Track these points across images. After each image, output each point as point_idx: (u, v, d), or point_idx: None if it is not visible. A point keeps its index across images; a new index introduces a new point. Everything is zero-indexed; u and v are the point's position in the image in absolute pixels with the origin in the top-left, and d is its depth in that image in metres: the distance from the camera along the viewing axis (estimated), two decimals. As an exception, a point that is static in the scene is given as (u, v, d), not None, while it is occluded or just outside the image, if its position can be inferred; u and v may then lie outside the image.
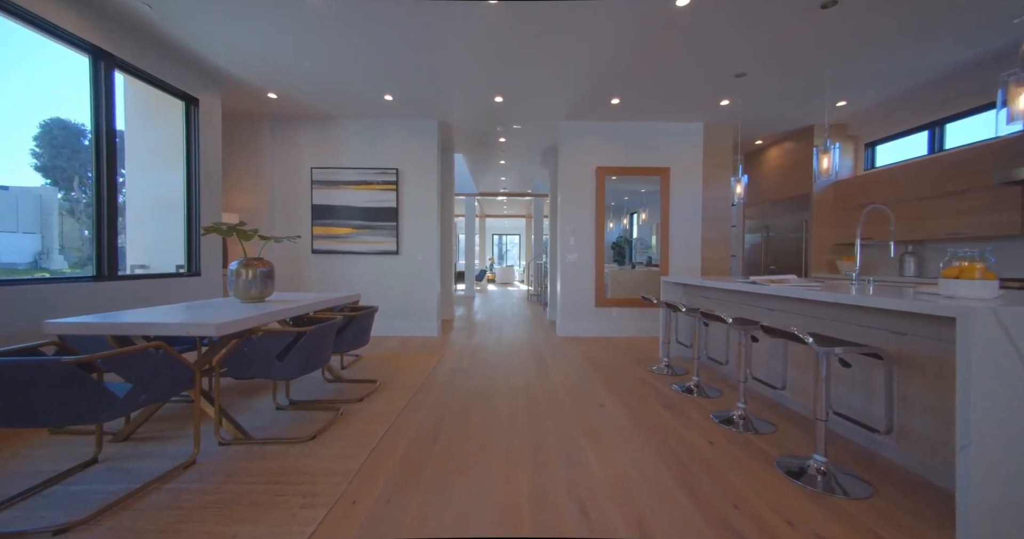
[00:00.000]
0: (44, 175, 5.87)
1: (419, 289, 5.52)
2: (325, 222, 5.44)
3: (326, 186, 5.43)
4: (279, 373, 2.22)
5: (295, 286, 5.45)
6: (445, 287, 6.97)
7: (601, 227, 5.53)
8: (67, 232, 5.42)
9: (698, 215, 5.51)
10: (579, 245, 5.56)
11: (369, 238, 5.46)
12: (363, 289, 5.49)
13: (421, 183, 5.50)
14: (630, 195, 5.86)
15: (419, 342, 5.10)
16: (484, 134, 6.14)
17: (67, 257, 5.36)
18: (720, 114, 5.15)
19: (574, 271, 5.55)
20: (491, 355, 4.43)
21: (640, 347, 4.85)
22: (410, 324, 5.52)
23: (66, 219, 5.44)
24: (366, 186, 5.44)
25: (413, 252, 5.52)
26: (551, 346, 4.91)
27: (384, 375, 3.60)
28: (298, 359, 2.24)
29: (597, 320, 5.54)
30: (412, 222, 5.51)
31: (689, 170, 5.50)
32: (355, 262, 5.50)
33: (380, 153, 5.48)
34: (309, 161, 5.45)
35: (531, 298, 10.77)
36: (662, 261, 5.53)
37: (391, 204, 5.46)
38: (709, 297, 3.88)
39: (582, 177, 5.53)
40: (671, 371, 3.77)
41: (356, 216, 5.45)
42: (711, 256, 5.62)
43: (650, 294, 5.53)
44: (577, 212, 5.55)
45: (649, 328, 5.53)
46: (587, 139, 5.51)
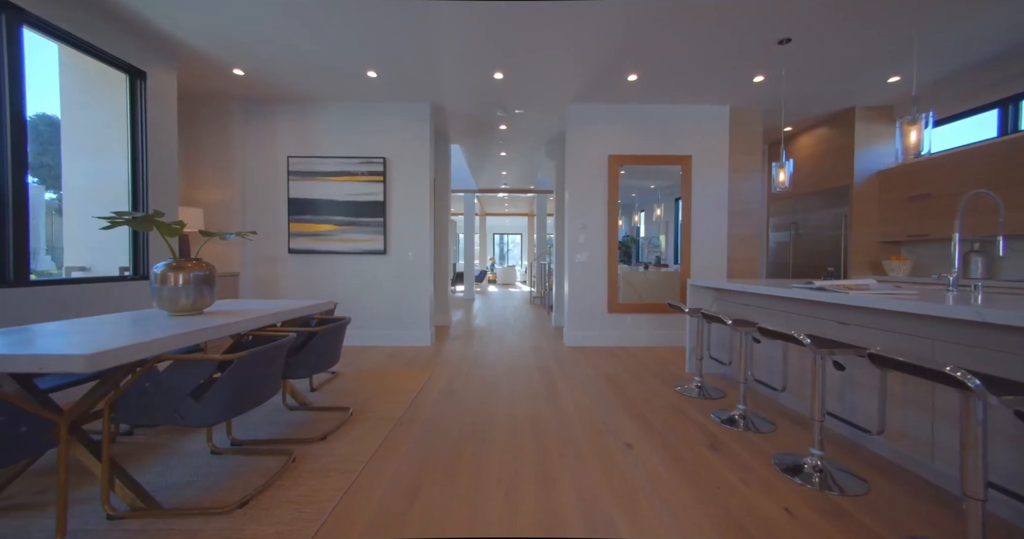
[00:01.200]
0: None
1: (409, 293, 4.91)
2: (303, 218, 4.84)
3: (304, 177, 4.82)
4: (194, 418, 1.61)
5: (268, 291, 4.85)
6: (440, 290, 6.37)
7: (614, 223, 4.91)
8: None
9: (723, 209, 4.89)
10: (589, 243, 4.94)
11: (353, 236, 4.85)
12: (346, 293, 4.89)
13: (412, 174, 4.89)
14: (638, 192, 5.25)
15: (409, 354, 4.49)
16: (483, 120, 5.53)
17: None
18: (750, 95, 4.53)
19: (584, 273, 4.93)
20: (490, 372, 3.81)
21: (661, 360, 4.23)
22: (399, 333, 4.91)
23: None
24: (349, 177, 4.84)
25: (403, 251, 4.91)
26: (559, 359, 4.29)
27: (360, 400, 2.99)
28: (221, 397, 1.63)
29: (610, 328, 4.92)
30: (402, 218, 4.90)
31: (713, 158, 4.87)
32: (337, 263, 4.89)
33: (365, 140, 4.87)
34: (285, 149, 4.84)
35: (534, 300, 10.15)
36: (683, 261, 4.90)
37: (377, 197, 4.85)
38: (750, 305, 3.26)
39: (593, 167, 4.91)
40: (704, 393, 3.15)
41: (338, 211, 4.85)
42: (739, 256, 4.99)
43: (668, 298, 4.91)
44: (587, 206, 4.94)
45: (668, 337, 4.90)
46: (598, 124, 4.89)
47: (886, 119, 4.84)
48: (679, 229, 5.33)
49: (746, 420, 2.58)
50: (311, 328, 2.47)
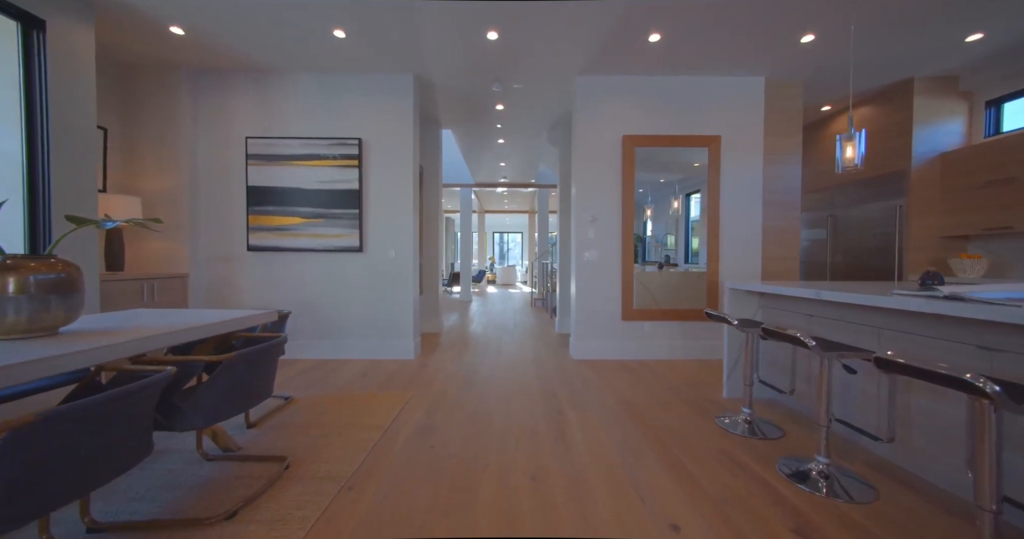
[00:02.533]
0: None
1: (390, 298, 4.19)
2: (265, 209, 4.12)
3: (266, 161, 4.10)
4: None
5: (223, 297, 4.13)
6: (429, 293, 5.65)
7: (630, 214, 4.19)
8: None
9: (757, 199, 4.17)
10: (600, 239, 4.22)
11: (324, 230, 4.14)
12: (315, 298, 4.17)
13: (393, 157, 4.17)
14: (647, 187, 4.53)
15: (387, 370, 3.77)
16: (477, 100, 4.81)
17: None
18: (790, 62, 3.80)
19: (593, 273, 4.21)
20: (481, 396, 3.09)
21: (688, 378, 3.51)
22: (378, 344, 4.19)
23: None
24: (319, 162, 4.12)
25: (383, 249, 4.19)
26: (566, 377, 3.57)
27: (307, 443, 2.27)
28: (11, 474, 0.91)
29: (624, 338, 4.20)
30: (381, 210, 4.18)
31: (746, 140, 4.15)
32: (305, 262, 4.18)
33: (338, 118, 4.15)
34: (243, 128, 4.12)
35: (535, 303, 9.44)
36: (710, 260, 4.18)
37: (352, 185, 4.13)
38: (814, 315, 2.54)
39: (604, 150, 4.19)
40: (756, 431, 2.43)
41: (306, 201, 4.13)
42: (774, 253, 4.27)
43: (688, 302, 4.19)
44: (597, 196, 4.22)
45: (692, 349, 4.18)
46: (611, 100, 4.17)
47: (950, 91, 4.11)
48: (689, 226, 4.63)
49: (830, 481, 1.86)
50: (200, 357, 1.74)
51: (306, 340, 4.18)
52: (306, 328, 4.18)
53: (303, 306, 4.17)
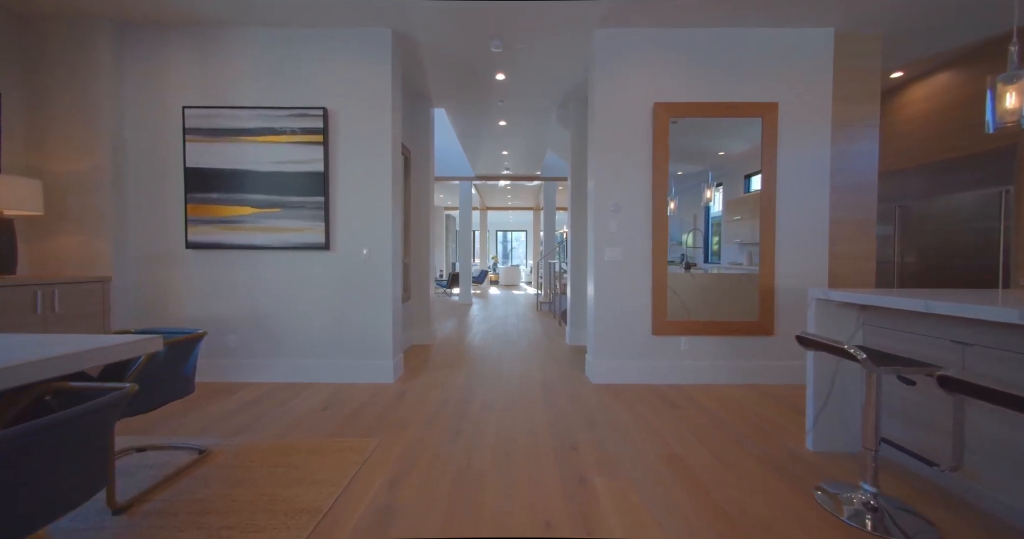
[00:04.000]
0: None
1: (364, 306, 3.38)
2: (207, 197, 3.32)
3: (209, 137, 3.30)
4: None
5: (155, 306, 3.33)
6: (420, 298, 4.83)
7: (662, 202, 3.35)
8: None
9: (824, 183, 3.31)
10: (625, 234, 3.38)
11: (280, 223, 3.33)
12: (269, 307, 3.36)
13: (367, 132, 3.36)
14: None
15: (356, 399, 2.96)
16: (473, 65, 3.98)
17: None
18: (868, 8, 2.95)
19: (616, 277, 3.38)
20: (472, 450, 2.27)
21: (748, 415, 2.67)
22: (347, 364, 3.38)
23: None
24: (274, 137, 3.31)
25: (354, 246, 3.38)
26: (587, 414, 2.74)
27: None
28: None
29: (656, 356, 3.37)
30: (352, 197, 3.37)
31: (810, 108, 3.30)
32: (258, 263, 3.37)
33: (297, 83, 3.34)
34: (181, 96, 3.32)
35: (541, 306, 8.61)
36: (763, 260, 3.33)
37: (315, 166, 3.32)
38: (969, 344, 1.69)
39: (630, 121, 3.36)
40: (889, 526, 1.57)
41: (259, 186, 3.32)
42: (844, 251, 3.42)
43: (728, 312, 3.35)
44: (622, 179, 3.38)
45: (743, 371, 3.34)
46: (640, 59, 3.34)
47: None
48: (709, 223, 3.80)
49: None
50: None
51: (258, 360, 3.37)
52: (258, 345, 3.37)
53: (255, 317, 3.36)
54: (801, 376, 3.30)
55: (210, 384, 3.27)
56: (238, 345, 3.36)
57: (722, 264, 3.69)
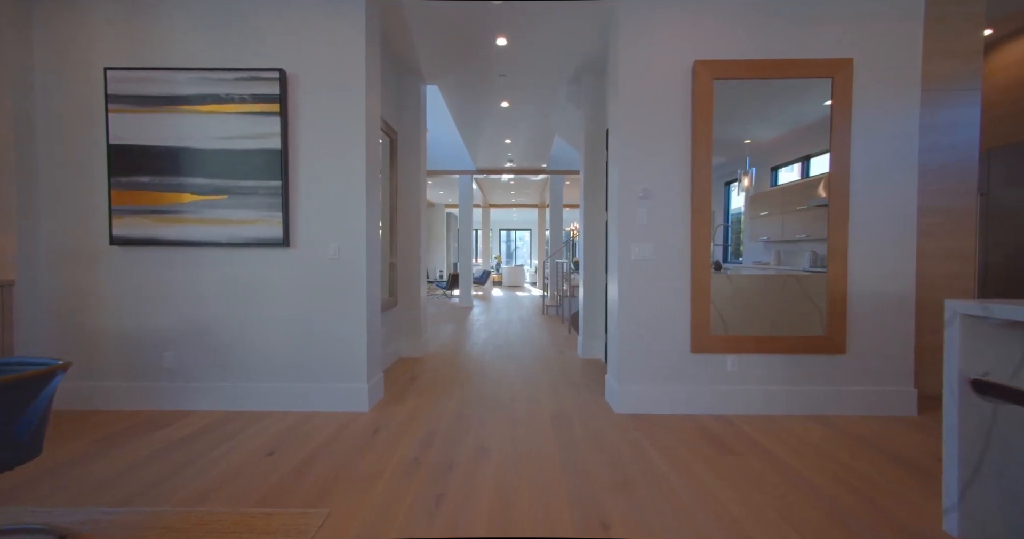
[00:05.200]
0: None
1: (332, 317, 2.72)
2: (136, 181, 2.67)
3: (137, 106, 2.65)
4: None
5: (74, 319, 2.68)
6: (409, 304, 4.17)
7: (706, 184, 2.67)
8: None
9: (909, 162, 2.62)
10: (657, 226, 2.71)
11: (228, 213, 2.68)
12: (214, 318, 2.71)
13: (336, 102, 2.70)
14: None
15: (315, 438, 2.30)
16: (468, 26, 3.32)
17: None
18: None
19: (647, 279, 2.70)
20: (458, 530, 1.60)
21: (833, 464, 1.99)
22: (312, 389, 2.72)
23: None
24: (219, 106, 2.66)
25: (319, 242, 2.72)
26: (615, 463, 2.07)
27: None
28: None
29: (696, 379, 2.68)
30: (318, 181, 2.72)
31: (892, 65, 2.60)
32: (200, 262, 2.72)
33: (248, 40, 2.69)
34: (102, 56, 2.67)
35: (547, 310, 7.94)
36: (832, 260, 2.64)
37: (270, 143, 2.66)
38: None
39: (663, 86, 2.68)
40: None
41: (200, 168, 2.67)
42: (937, 249, 2.73)
43: (785, 324, 2.67)
44: (653, 158, 2.71)
45: (808, 399, 2.65)
46: (675, 7, 2.66)
47: None
48: (728, 219, 3.16)
49: None
50: None
51: (201, 383, 2.72)
52: (201, 365, 2.72)
53: (197, 330, 2.71)
54: (884, 406, 2.61)
55: (137, 415, 2.62)
56: (176, 365, 2.71)
57: (745, 263, 3.07)
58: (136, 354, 2.70)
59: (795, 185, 3.53)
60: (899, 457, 2.11)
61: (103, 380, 2.69)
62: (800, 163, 3.56)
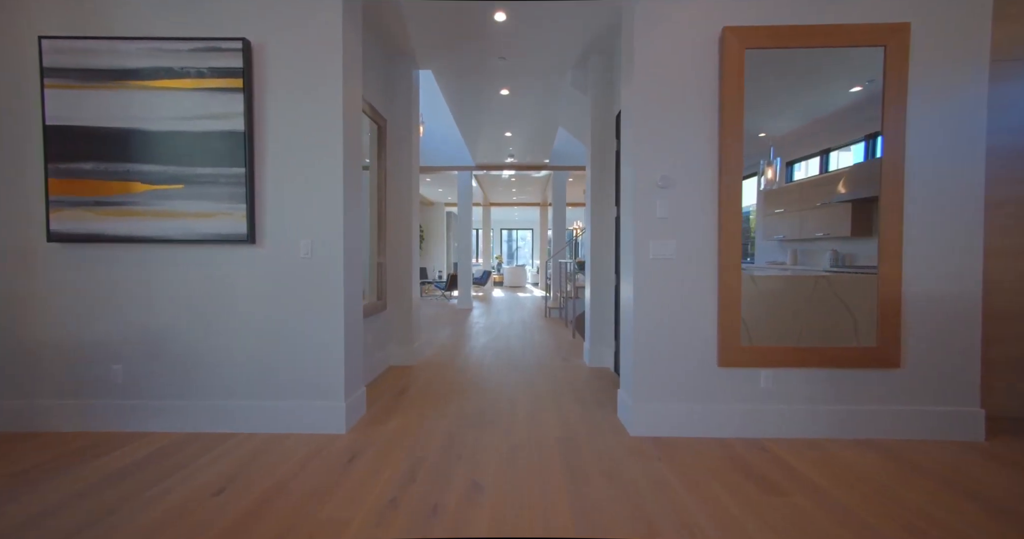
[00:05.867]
0: None
1: (304, 324, 2.36)
2: (78, 168, 2.32)
3: (78, 82, 2.30)
4: None
5: (7, 327, 2.34)
6: (397, 307, 3.82)
7: (735, 171, 2.31)
8: None
9: (977, 145, 2.24)
10: (679, 219, 2.35)
11: (183, 205, 2.32)
12: (169, 327, 2.36)
13: (309, 78, 2.35)
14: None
15: (280, 466, 1.94)
16: (462, 4, 2.96)
17: None
18: None
19: (667, 281, 2.34)
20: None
21: (900, 504, 1.62)
22: (281, 408, 2.36)
23: None
24: (173, 82, 2.30)
25: (289, 238, 2.37)
26: (635, 502, 1.70)
27: None
28: None
29: (725, 397, 2.32)
30: (288, 168, 2.36)
31: (957, 29, 2.23)
32: (152, 261, 2.37)
33: (205, 6, 2.33)
34: (36, 22, 2.32)
35: (549, 313, 7.57)
36: (884, 256, 2.27)
37: (232, 124, 2.31)
38: None
39: (687, 59, 2.32)
40: None
41: (151, 153, 2.32)
42: (1009, 247, 2.36)
43: (820, 332, 2.30)
44: (673, 140, 2.34)
45: (854, 420, 2.27)
46: (699, -36, 2.29)
47: None
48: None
49: None
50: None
51: (155, 401, 2.36)
52: (155, 380, 2.37)
53: (150, 340, 2.36)
54: (945, 428, 2.24)
55: (79, 438, 2.27)
56: (127, 380, 2.36)
57: (757, 263, 2.72)
58: (79, 367, 2.35)
59: (813, 180, 3.21)
60: (977, 496, 1.74)
61: (40, 398, 2.34)
62: (819, 157, 3.26)
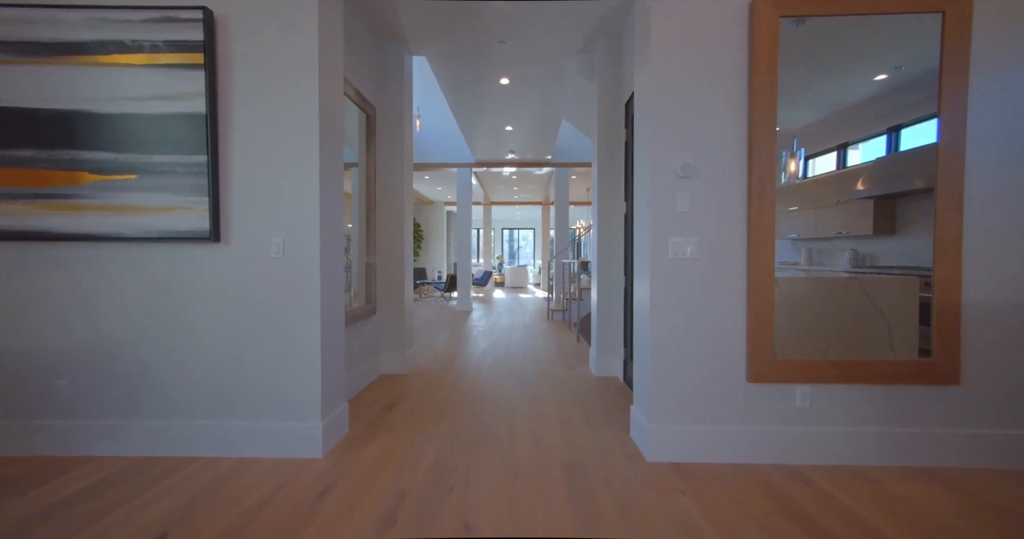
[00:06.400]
0: None
1: (275, 333, 2.07)
2: (14, 156, 2.03)
3: (14, 56, 2.01)
4: None
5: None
6: (389, 311, 3.53)
7: (767, 158, 2.01)
8: None
9: (1045, 125, 1.95)
10: (702, 214, 2.05)
11: (137, 198, 2.04)
12: (121, 338, 2.07)
13: (281, 54, 2.06)
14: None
15: (240, 503, 1.65)
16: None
17: None
18: None
19: (688, 284, 2.04)
20: None
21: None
22: (251, 428, 2.08)
23: None
24: (124, 57, 2.02)
25: (258, 236, 2.08)
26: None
27: None
28: None
29: (756, 416, 2.02)
30: (257, 156, 2.07)
31: (1024, -4, 1.93)
32: (102, 263, 2.08)
33: (163, -31, 2.05)
34: (-31, -10, 2.04)
35: (552, 315, 7.28)
36: (940, 257, 1.97)
37: (192, 106, 2.02)
38: None
39: (711, 31, 2.02)
40: None
41: (100, 139, 2.03)
42: None
43: (857, 342, 2.01)
44: (696, 123, 2.05)
45: (907, 444, 1.97)
46: (726, -80, 2.00)
47: None
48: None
49: None
50: None
51: (105, 421, 2.08)
52: (106, 396, 2.08)
53: (99, 352, 2.07)
54: (1016, 456, 1.93)
55: (15, 464, 1.98)
56: (73, 396, 2.08)
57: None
58: (18, 383, 2.06)
59: (830, 176, 2.98)
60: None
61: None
62: (836, 152, 3.03)
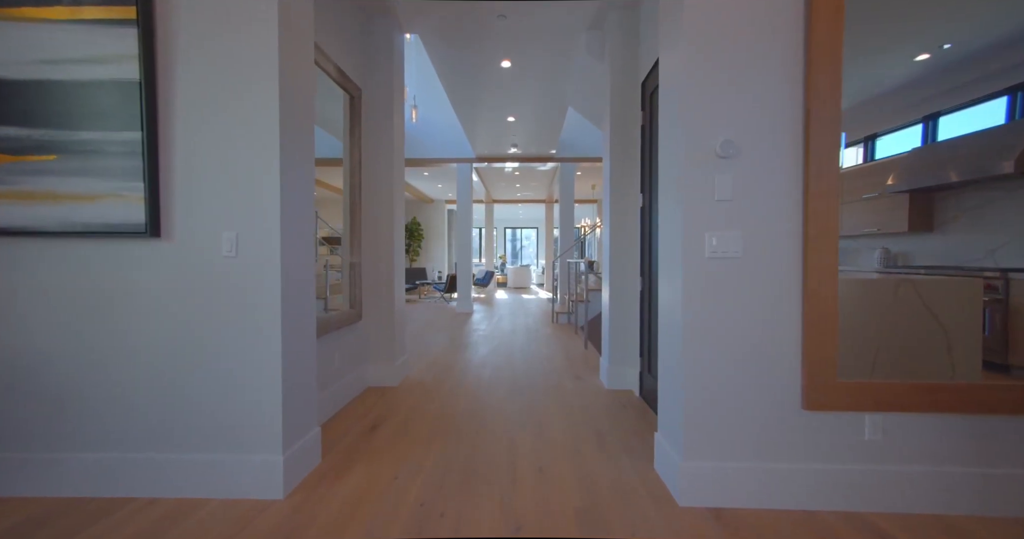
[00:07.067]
0: None
1: (227, 348, 1.71)
2: (-91, 132, 1.68)
3: (-92, 12, 1.66)
4: None
5: None
6: (376, 316, 3.16)
7: (831, 136, 1.62)
8: None
9: None
10: (748, 203, 1.67)
11: (57, 184, 1.68)
12: (42, 355, 1.71)
13: (234, 12, 1.69)
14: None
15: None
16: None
17: None
18: None
19: (728, 289, 1.66)
20: None
21: None
22: (199, 462, 1.71)
23: None
24: (38, 11, 1.66)
25: (206, 230, 1.71)
26: None
27: None
28: None
29: (813, 453, 1.64)
30: (206, 133, 1.70)
31: None
32: (16, 261, 1.72)
33: (88, -96, 1.68)
34: None
35: (557, 318, 6.90)
36: (1045, 254, 1.58)
37: (125, 72, 1.66)
38: None
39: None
40: None
41: (11, 111, 1.67)
42: None
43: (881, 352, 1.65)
44: (737, 91, 1.66)
45: (1007, 489, 1.59)
46: None
47: None
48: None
49: None
50: None
51: (19, 453, 1.72)
52: (21, 424, 1.72)
53: (15, 369, 1.71)
54: None
55: (-96, 509, 1.62)
56: (-17, 423, 1.72)
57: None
58: (-85, 408, 1.71)
59: (858, 170, 2.66)
60: None
61: None
62: (863, 144, 2.75)
